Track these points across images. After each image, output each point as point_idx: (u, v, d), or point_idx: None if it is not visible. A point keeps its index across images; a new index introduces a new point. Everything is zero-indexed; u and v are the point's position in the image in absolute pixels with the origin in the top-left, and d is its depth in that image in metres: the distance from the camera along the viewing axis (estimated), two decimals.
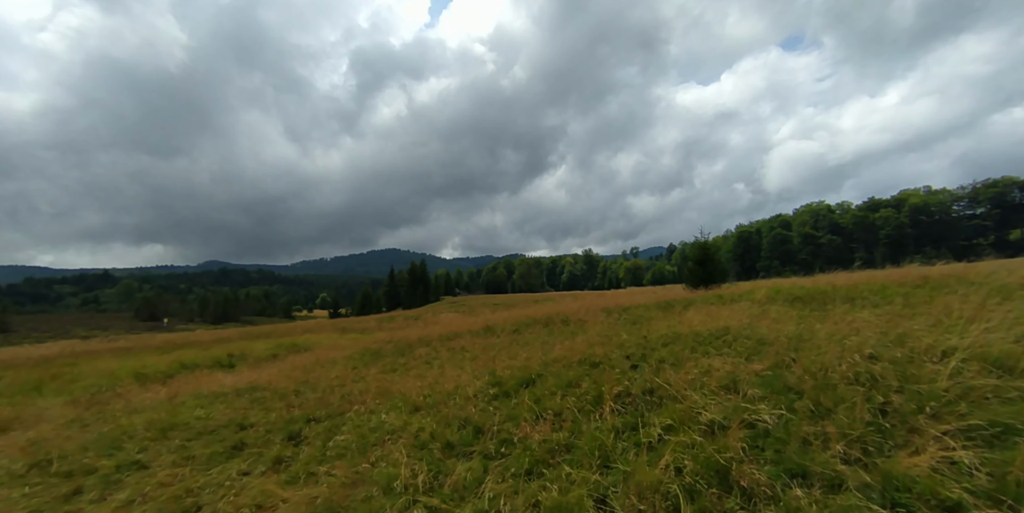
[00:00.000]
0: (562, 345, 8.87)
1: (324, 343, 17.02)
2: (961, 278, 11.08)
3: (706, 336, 7.17)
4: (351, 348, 14.09)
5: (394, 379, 7.95)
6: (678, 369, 5.35)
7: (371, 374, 8.71)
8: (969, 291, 8.43)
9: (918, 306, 7.77)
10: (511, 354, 8.81)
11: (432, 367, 8.87)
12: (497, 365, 7.40)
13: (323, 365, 10.75)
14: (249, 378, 9.25)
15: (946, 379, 3.24)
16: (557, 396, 4.83)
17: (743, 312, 9.76)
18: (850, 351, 4.39)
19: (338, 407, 5.79)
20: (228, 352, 14.88)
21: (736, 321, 8.51)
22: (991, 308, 6.52)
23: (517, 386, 5.65)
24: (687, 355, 6.05)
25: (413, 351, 11.94)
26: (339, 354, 12.62)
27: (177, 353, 16.38)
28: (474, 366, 8.17)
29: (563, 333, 11.72)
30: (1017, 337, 4.05)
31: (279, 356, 14.47)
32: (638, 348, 7.31)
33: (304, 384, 8.01)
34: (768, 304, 11.15)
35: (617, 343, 8.13)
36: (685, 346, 6.63)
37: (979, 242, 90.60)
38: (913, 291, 9.89)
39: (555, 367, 6.48)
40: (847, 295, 10.46)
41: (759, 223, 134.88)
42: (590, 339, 8.99)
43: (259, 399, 6.82)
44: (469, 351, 10.91)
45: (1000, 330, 4.41)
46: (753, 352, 5.57)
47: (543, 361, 7.07)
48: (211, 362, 13.22)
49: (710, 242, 24.83)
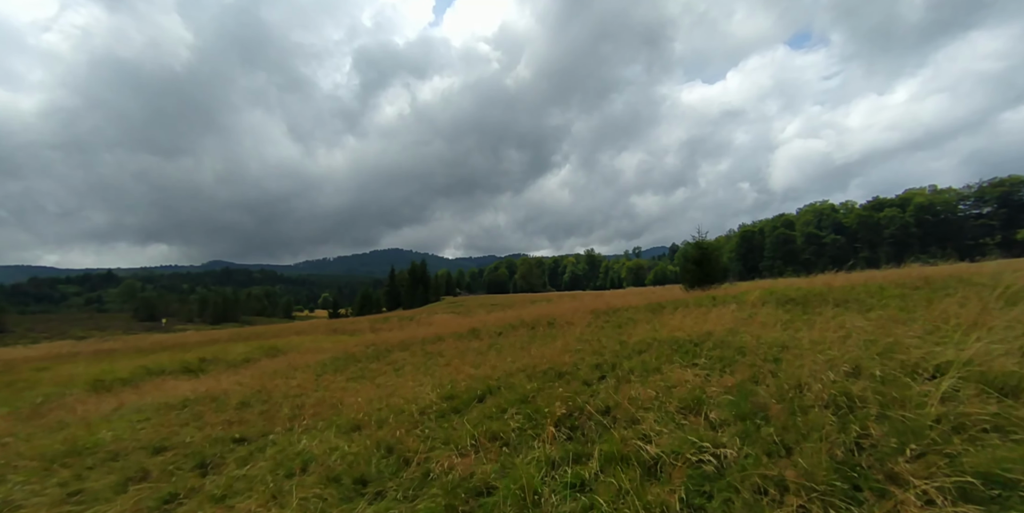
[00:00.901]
0: (537, 351, 8.38)
1: (305, 346, 16.55)
2: (963, 279, 10.51)
3: (685, 342, 6.65)
4: (330, 352, 13.63)
5: (355, 388, 7.46)
6: (645, 381, 4.84)
7: (335, 382, 8.24)
8: (970, 294, 7.87)
9: (915, 310, 7.22)
10: (482, 361, 8.33)
11: (399, 375, 8.39)
12: (461, 374, 6.91)
13: (291, 371, 10.27)
14: (207, 386, 8.77)
15: (937, 404, 2.71)
16: (507, 414, 4.32)
17: (731, 316, 9.25)
18: (831, 364, 3.87)
19: (277, 424, 5.29)
20: (201, 356, 14.37)
21: (721, 326, 7.99)
22: (993, 314, 5.97)
23: (471, 400, 5.16)
24: (659, 365, 5.54)
25: (390, 355, 11.47)
26: (314, 359, 12.14)
27: (154, 357, 15.94)
28: (442, 373, 7.69)
29: (545, 337, 11.23)
30: (1022, 351, 3.51)
31: (253, 360, 13.97)
32: (612, 355, 6.80)
33: (259, 394, 7.52)
34: (759, 307, 10.61)
35: (592, 349, 7.64)
36: (660, 354, 6.11)
37: (985, 242, 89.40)
38: (911, 293, 9.34)
39: (518, 377, 5.98)
40: (842, 297, 9.92)
41: (762, 222, 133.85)
42: (567, 344, 8.49)
43: (198, 413, 6.30)
44: (444, 356, 10.44)
45: (1002, 341, 3.87)
46: (729, 363, 5.05)
47: (508, 370, 6.57)
48: (179, 367, 12.69)
49: (708, 242, 24.27)
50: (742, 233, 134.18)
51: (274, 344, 17.72)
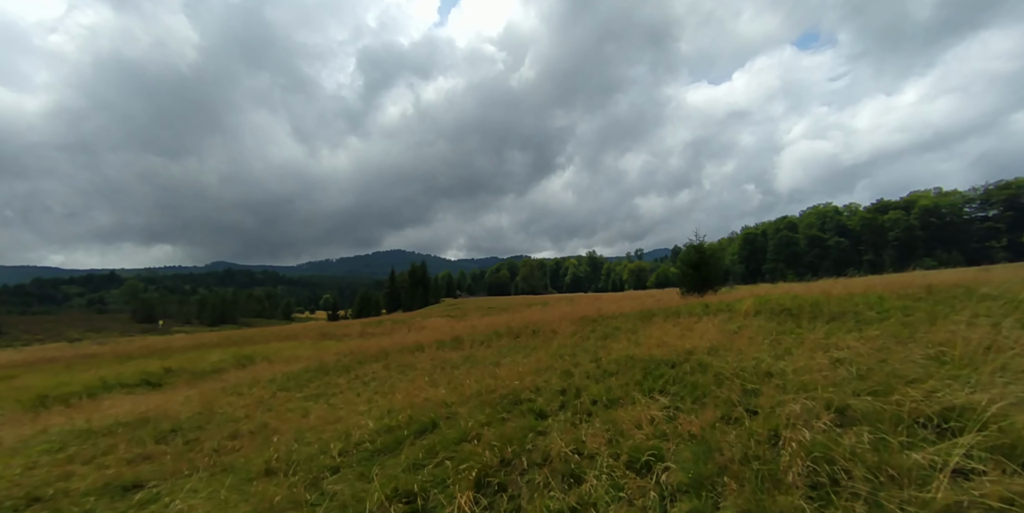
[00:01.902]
0: (507, 369, 7.76)
1: (281, 354, 15.88)
2: (970, 290, 9.79)
3: (661, 363, 6.00)
4: (304, 361, 13.01)
5: (304, 410, 6.83)
6: (606, 415, 4.20)
7: (289, 402, 7.61)
8: (979, 309, 7.18)
9: (917, 327, 6.54)
10: (448, 378, 7.72)
11: (358, 393, 7.76)
12: (418, 397, 6.27)
13: (250, 386, 9.63)
14: (151, 405, 8.10)
15: (945, 484, 2.06)
16: (436, 459, 3.69)
17: (717, 329, 8.60)
18: (815, 408, 3.22)
19: (195, 461, 4.66)
20: (167, 366, 13.64)
21: (705, 341, 7.34)
22: (1008, 336, 5.29)
23: (409, 436, 4.53)
24: (627, 392, 4.90)
25: (361, 367, 10.84)
26: (283, 370, 11.50)
27: (130, 364, 15.27)
28: (400, 394, 7.06)
29: (524, 349, 10.62)
30: None
31: (221, 371, 13.28)
32: (581, 377, 6.16)
33: (198, 417, 6.86)
34: (751, 317, 9.96)
35: (564, 367, 6.99)
36: (632, 378, 5.46)
37: (991, 245, 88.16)
38: (914, 305, 8.63)
39: (471, 405, 5.35)
40: (838, 309, 9.23)
41: (765, 225, 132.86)
42: (540, 360, 7.85)
43: (111, 446, 5.50)
44: (416, 369, 9.82)
45: (1021, 381, 3.20)
46: (704, 393, 4.41)
47: (466, 394, 5.95)
48: (138, 379, 12.00)
49: (706, 245, 23.59)
50: (745, 235, 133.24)
51: (252, 351, 17.01)
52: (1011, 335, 5.35)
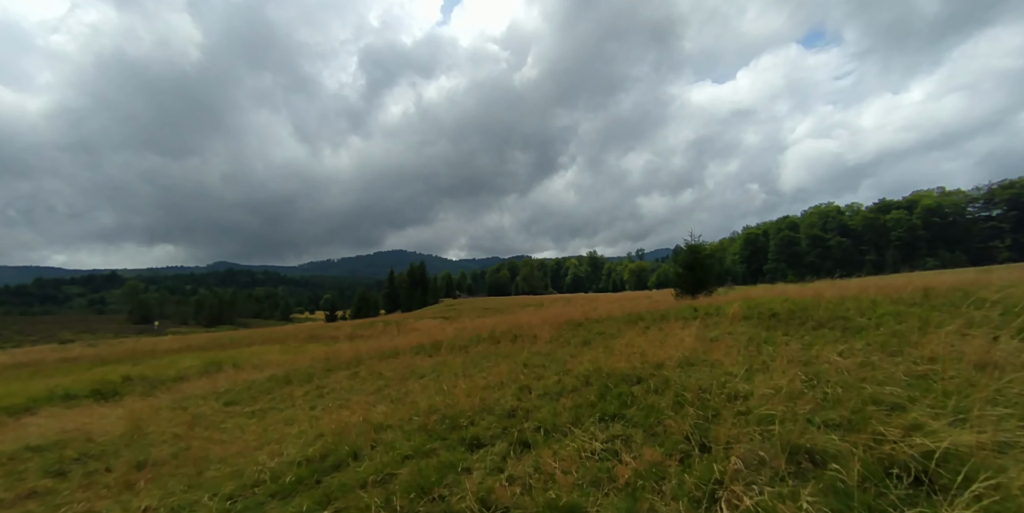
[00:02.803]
0: (467, 381, 7.24)
1: (253, 360, 15.27)
2: (968, 293, 9.23)
3: (624, 379, 5.48)
4: (274, 368, 12.48)
5: (242, 428, 6.30)
6: (543, 448, 3.67)
7: (230, 419, 7.04)
8: (976, 316, 6.64)
9: (907, 337, 6.00)
10: (403, 393, 7.22)
11: (305, 409, 7.22)
12: (357, 416, 5.75)
13: (201, 398, 9.05)
14: (80, 422, 7.34)
15: None
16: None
17: (695, 337, 8.07)
18: (772, 449, 2.70)
19: (81, 502, 4.12)
20: (126, 375, 12.94)
21: (681, 351, 6.82)
22: (1004, 349, 4.75)
23: (317, 472, 4.00)
24: (576, 417, 4.37)
25: (328, 376, 10.32)
26: (245, 378, 10.94)
27: (101, 370, 14.75)
28: (347, 410, 6.55)
29: (498, 356, 10.11)
30: None
31: (184, 379, 12.62)
32: (539, 394, 5.64)
33: (120, 439, 6.16)
34: (737, 323, 9.43)
35: (525, 381, 6.47)
36: (587, 399, 4.93)
37: (995, 245, 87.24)
38: (907, 311, 8.08)
39: (406, 430, 4.84)
40: (828, 314, 8.68)
41: (766, 225, 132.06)
42: (504, 373, 7.31)
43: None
44: (383, 378, 9.32)
45: (1017, 423, 2.67)
46: (658, 420, 3.87)
47: (408, 414, 5.44)
48: (89, 390, 11.30)
49: (708, 245, 23.12)
50: (746, 235, 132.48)
51: (223, 358, 16.40)
52: (1008, 348, 4.82)
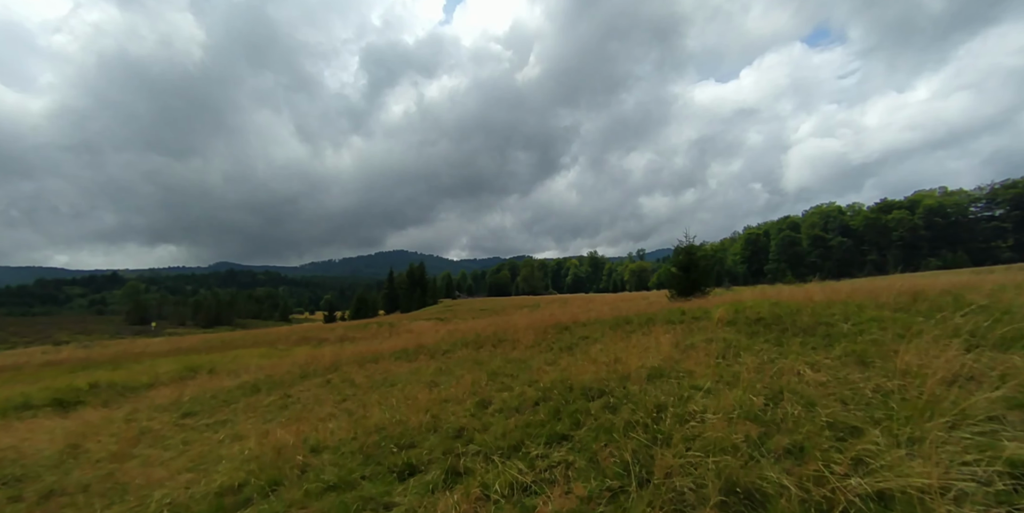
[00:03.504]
0: (436, 391, 7.00)
1: (234, 365, 14.94)
2: (958, 297, 8.99)
3: (584, 393, 5.24)
4: (250, 374, 12.23)
5: (188, 444, 6.01)
6: (477, 478, 3.40)
7: (182, 432, 6.74)
8: (961, 323, 6.36)
9: (885, 346, 5.75)
10: (360, 406, 6.94)
11: (269, 419, 6.97)
12: (293, 435, 5.43)
13: (157, 411, 8.56)
14: (18, 438, 6.96)
15: None
16: None
17: (675, 343, 7.83)
18: (707, 488, 2.44)
19: None
20: (94, 381, 12.58)
21: (655, 359, 6.59)
22: (979, 361, 4.48)
23: (242, 502, 3.76)
24: (522, 439, 4.11)
25: (301, 383, 10.07)
26: (215, 386, 10.66)
27: (83, 374, 14.51)
28: (292, 427, 6.26)
29: (473, 363, 9.88)
30: None
31: (153, 386, 12.31)
32: (495, 410, 5.40)
33: (49, 459, 5.77)
34: (722, 328, 9.18)
35: (485, 396, 6.17)
36: (540, 417, 4.65)
37: (998, 245, 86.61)
38: (892, 316, 7.82)
39: (345, 450, 4.58)
40: (814, 319, 8.45)
41: (767, 225, 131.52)
42: (469, 384, 7.00)
43: None
44: (352, 388, 9.04)
45: (975, 455, 2.39)
46: (604, 444, 3.60)
47: (349, 435, 5.13)
48: (50, 399, 10.92)
49: (707, 246, 22.96)
50: (747, 235, 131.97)
51: (201, 362, 16.08)
52: (982, 360, 4.56)
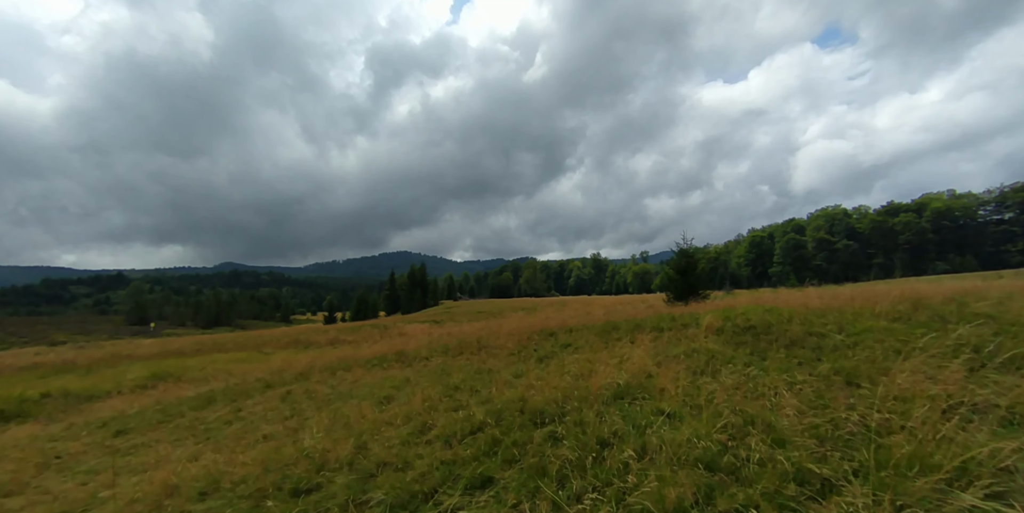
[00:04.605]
0: (385, 410, 6.44)
1: (206, 371, 14.37)
2: (963, 305, 8.31)
3: (537, 417, 4.67)
4: (220, 380, 11.72)
5: (95, 472, 5.48)
6: None
7: (99, 457, 6.22)
8: (964, 334, 5.75)
9: (879, 363, 5.15)
10: (293, 430, 6.36)
11: (199, 442, 6.38)
12: (195, 468, 4.89)
13: (98, 427, 8.00)
14: None
15: None
16: None
17: (659, 354, 7.25)
18: None
19: None
20: (46, 391, 11.82)
21: (629, 375, 6.04)
22: (984, 385, 3.88)
23: None
24: (442, 482, 3.54)
25: (253, 396, 9.46)
26: (173, 396, 10.06)
27: (44, 382, 14.00)
28: (254, 438, 5.74)
29: (441, 373, 9.33)
30: None
31: (111, 396, 11.74)
32: (432, 437, 4.79)
33: None
34: (709, 337, 8.57)
35: (430, 418, 5.58)
36: (469, 454, 4.07)
37: (1007, 249, 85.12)
38: (889, 327, 7.19)
39: (225, 500, 4.01)
40: (806, 328, 7.84)
41: (772, 227, 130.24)
42: (419, 402, 6.39)
43: None
44: (309, 401, 8.46)
45: None
46: (528, 496, 3.02)
47: (249, 473, 4.55)
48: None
49: (693, 249, 22.52)
50: (751, 238, 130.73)
51: (173, 368, 15.53)
52: (988, 384, 3.95)
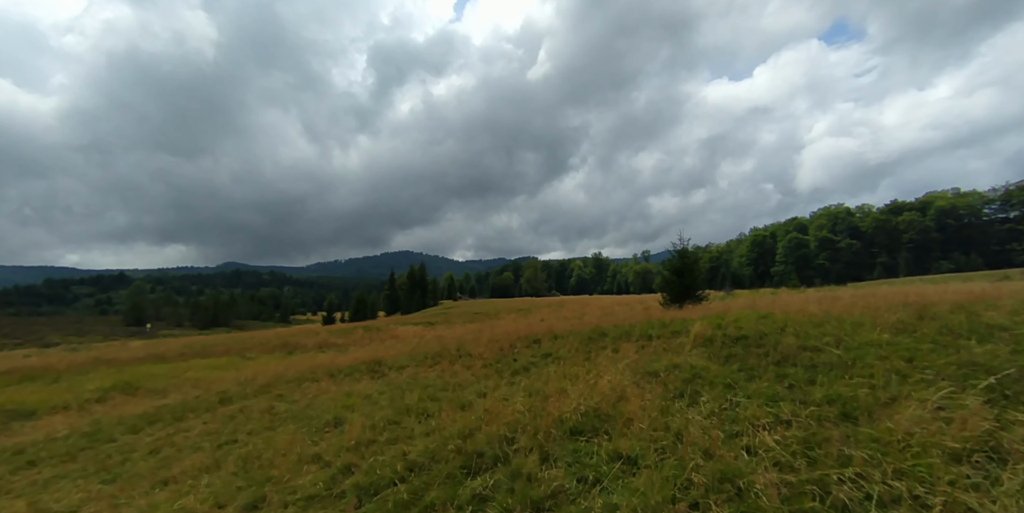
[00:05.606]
0: (324, 438, 5.80)
1: (172, 381, 13.66)
2: (973, 315, 7.52)
3: (474, 458, 4.03)
4: (183, 392, 11.11)
5: None
6: None
7: (21, 482, 5.67)
8: (977, 352, 5.08)
9: (878, 390, 4.47)
10: (233, 457, 5.71)
11: (103, 482, 5.71)
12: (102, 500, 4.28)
13: (13, 454, 7.27)
14: None
15: None
16: None
17: (637, 370, 6.62)
18: None
19: None
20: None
21: (597, 398, 5.41)
22: (1001, 437, 3.17)
23: None
24: None
25: (203, 415, 8.80)
26: (117, 413, 9.26)
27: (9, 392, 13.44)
28: (162, 478, 5.10)
29: (406, 388, 8.73)
30: None
31: (57, 411, 10.86)
32: (351, 485, 4.11)
33: None
34: (696, 349, 7.91)
35: (362, 456, 4.91)
36: (391, 509, 3.42)
37: (1013, 247, 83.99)
38: (893, 341, 6.45)
39: None
40: (800, 341, 7.14)
41: (774, 226, 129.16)
42: (362, 430, 5.71)
43: None
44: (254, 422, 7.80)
45: None
46: None
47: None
48: None
49: (691, 251, 21.99)
50: (753, 237, 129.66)
51: (138, 377, 14.76)
52: (1012, 424, 3.26)
